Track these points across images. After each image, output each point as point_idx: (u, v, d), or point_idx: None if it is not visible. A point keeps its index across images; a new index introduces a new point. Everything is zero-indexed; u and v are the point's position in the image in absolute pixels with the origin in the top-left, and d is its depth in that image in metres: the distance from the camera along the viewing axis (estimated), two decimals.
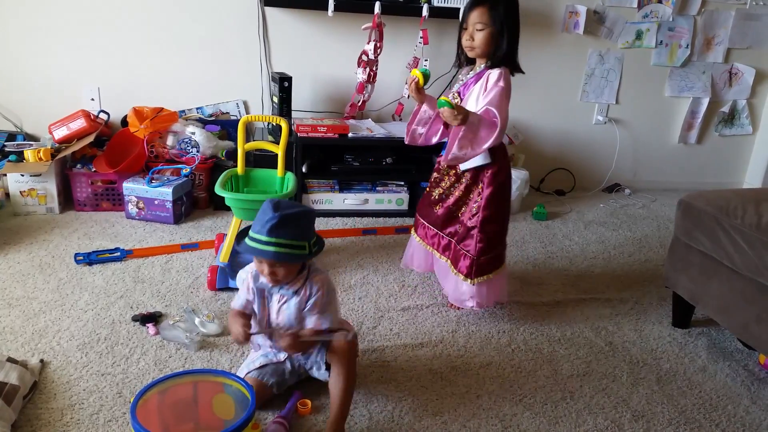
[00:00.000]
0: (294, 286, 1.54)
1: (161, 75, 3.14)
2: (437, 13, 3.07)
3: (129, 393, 1.59)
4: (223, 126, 3.14)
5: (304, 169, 2.94)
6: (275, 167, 2.30)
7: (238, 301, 1.59)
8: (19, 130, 3.04)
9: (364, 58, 3.04)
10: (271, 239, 1.42)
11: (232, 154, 3.00)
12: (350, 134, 2.94)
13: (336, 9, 2.98)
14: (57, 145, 2.81)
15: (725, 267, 1.87)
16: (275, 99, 2.99)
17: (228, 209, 2.23)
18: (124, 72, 3.10)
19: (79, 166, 2.85)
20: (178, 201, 2.73)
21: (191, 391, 1.42)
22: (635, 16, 3.50)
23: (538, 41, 3.42)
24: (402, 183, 3.09)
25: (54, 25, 2.98)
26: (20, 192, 2.71)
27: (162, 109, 2.94)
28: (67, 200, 2.86)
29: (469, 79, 1.99)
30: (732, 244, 1.81)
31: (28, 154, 2.69)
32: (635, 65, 3.61)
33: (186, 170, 2.80)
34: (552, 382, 1.79)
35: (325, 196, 3.00)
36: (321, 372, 1.60)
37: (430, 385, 1.73)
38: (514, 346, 1.96)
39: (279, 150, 2.26)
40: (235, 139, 2.84)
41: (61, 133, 2.82)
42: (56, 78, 3.06)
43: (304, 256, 1.48)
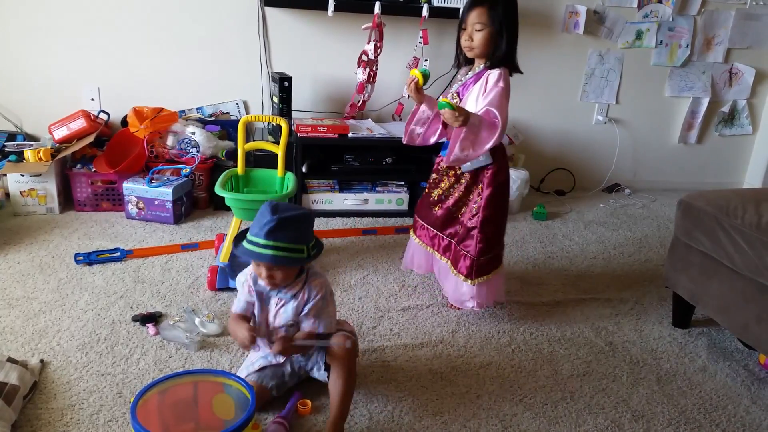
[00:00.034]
0: (292, 289, 1.53)
1: (161, 75, 3.14)
2: (437, 13, 3.07)
3: (129, 393, 1.59)
4: (223, 126, 3.14)
5: (304, 169, 2.94)
6: (275, 167, 2.31)
7: (239, 305, 1.58)
8: (19, 130, 3.04)
9: (364, 58, 3.04)
10: (268, 242, 1.41)
11: (232, 154, 3.00)
12: (350, 134, 2.94)
13: (336, 9, 2.98)
14: (57, 145, 2.81)
15: (725, 267, 1.87)
16: (275, 99, 2.99)
17: (228, 209, 2.23)
18: (124, 72, 3.10)
19: (79, 166, 2.85)
20: (178, 201, 2.73)
21: (191, 392, 1.42)
22: (635, 16, 3.50)
23: (538, 41, 3.42)
24: (402, 183, 3.09)
25: (54, 25, 2.98)
26: (20, 192, 2.71)
27: (162, 109, 2.94)
28: (67, 200, 2.86)
29: (468, 79, 1.99)
30: (732, 244, 1.81)
31: (28, 154, 2.69)
32: (635, 65, 3.61)
33: (186, 170, 2.80)
34: (552, 382, 1.79)
35: (325, 196, 3.00)
36: (321, 373, 1.60)
37: (430, 385, 1.73)
38: (514, 346, 1.96)
39: (279, 150, 2.26)
40: (235, 139, 2.84)
41: (61, 133, 2.82)
42: (56, 78, 3.06)
43: (303, 260, 1.47)
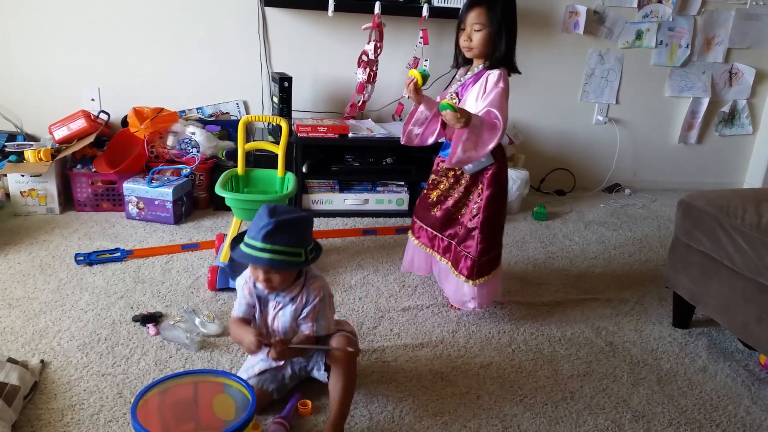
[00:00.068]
0: (291, 293, 1.52)
1: (161, 75, 3.14)
2: (437, 13, 3.07)
3: (129, 393, 1.59)
4: (224, 126, 3.14)
5: (304, 170, 2.94)
6: (275, 167, 2.31)
7: (239, 309, 1.56)
8: (19, 130, 3.04)
9: (364, 58, 3.03)
10: (266, 246, 1.40)
11: (232, 155, 3.00)
12: (350, 134, 2.94)
13: (336, 9, 2.98)
14: (57, 145, 2.81)
15: (725, 267, 1.87)
16: (275, 99, 2.99)
17: (228, 209, 2.23)
18: (124, 72, 3.10)
19: (79, 166, 2.85)
20: (178, 201, 2.73)
21: (192, 392, 1.42)
22: (635, 16, 3.50)
23: (538, 41, 3.42)
24: (402, 183, 3.09)
25: (54, 25, 2.98)
26: (20, 192, 2.71)
27: (162, 109, 2.94)
28: (68, 200, 2.86)
29: (467, 79, 1.99)
30: (732, 244, 1.81)
31: (29, 154, 2.69)
32: (635, 65, 3.61)
33: (186, 170, 2.80)
34: (552, 382, 1.79)
35: (326, 196, 3.00)
36: (321, 373, 1.60)
37: (430, 386, 1.73)
38: (515, 347, 1.96)
39: (279, 150, 2.26)
40: (235, 140, 2.84)
41: (61, 133, 2.82)
42: (56, 78, 3.06)
43: (300, 264, 1.45)
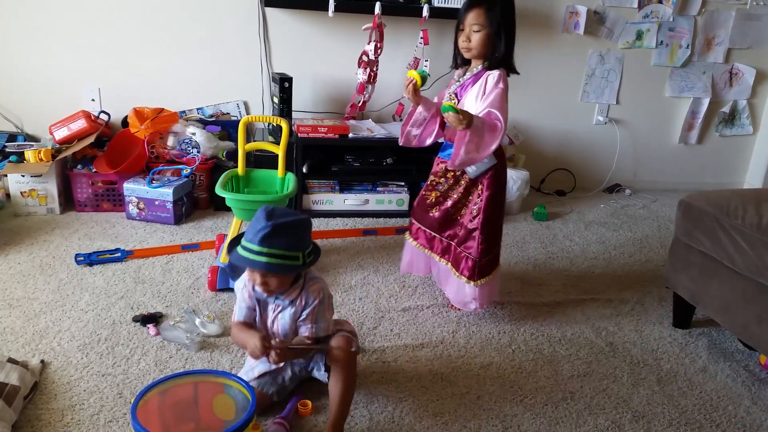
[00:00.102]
0: (290, 295, 1.51)
1: (161, 75, 3.14)
2: (438, 13, 3.07)
3: (129, 393, 1.59)
4: (224, 126, 3.14)
5: (304, 170, 2.94)
6: (276, 168, 2.31)
7: (240, 313, 1.55)
8: (19, 130, 3.04)
9: (365, 58, 3.04)
10: (262, 249, 1.38)
11: (232, 155, 3.00)
12: (351, 135, 2.94)
13: (336, 9, 2.98)
14: (57, 145, 2.81)
15: (726, 267, 1.87)
16: (276, 99, 2.99)
17: (228, 210, 2.23)
18: (124, 72, 3.11)
19: (79, 166, 2.85)
20: (178, 201, 2.73)
21: (192, 392, 1.42)
22: (635, 16, 3.50)
23: (538, 41, 3.42)
24: (402, 183, 3.09)
25: (54, 25, 2.98)
26: (21, 192, 2.71)
27: (162, 109, 2.94)
28: (68, 201, 2.86)
29: (466, 80, 1.99)
30: (732, 244, 1.81)
31: (29, 154, 2.69)
32: (636, 65, 3.61)
33: (186, 171, 2.80)
34: (552, 382, 1.79)
35: (326, 196, 3.00)
36: (321, 373, 1.60)
37: (430, 386, 1.73)
38: (515, 347, 1.96)
39: (279, 150, 2.26)
40: (235, 140, 2.84)
41: (61, 133, 2.82)
42: (56, 78, 3.06)
43: (298, 267, 1.44)
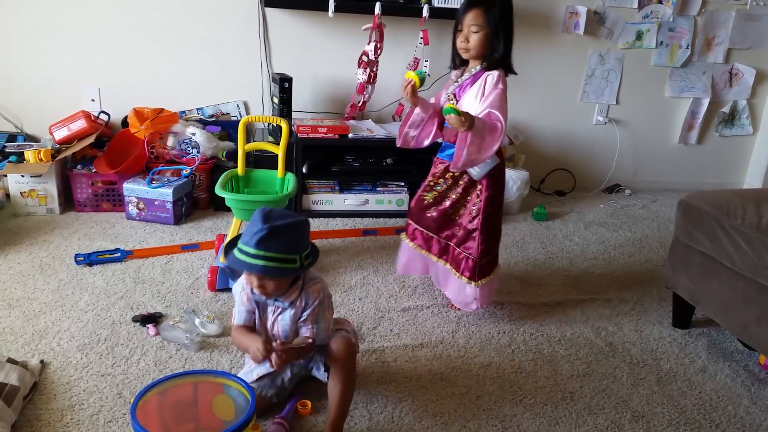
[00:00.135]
0: (289, 297, 1.50)
1: (161, 75, 3.14)
2: (437, 13, 3.07)
3: (129, 394, 1.59)
4: (224, 127, 3.14)
5: (304, 170, 2.94)
6: (275, 168, 2.31)
7: (240, 316, 1.54)
8: (19, 130, 3.05)
9: (365, 58, 3.04)
10: (259, 252, 1.37)
11: (232, 155, 3.00)
12: (350, 135, 2.94)
13: (336, 10, 2.98)
14: (57, 145, 2.81)
15: (725, 267, 1.87)
16: (275, 100, 2.99)
17: (228, 210, 2.23)
18: (124, 72, 3.11)
19: (79, 166, 2.85)
20: (178, 202, 2.73)
21: (191, 392, 1.42)
22: (635, 16, 3.50)
23: (538, 41, 3.42)
24: (402, 183, 3.09)
25: (54, 25, 2.98)
26: (21, 193, 2.71)
27: (162, 109, 2.94)
28: (68, 201, 2.86)
29: (464, 80, 1.99)
30: (732, 244, 1.81)
31: (29, 154, 2.69)
32: (635, 66, 3.61)
33: (186, 171, 2.80)
34: (552, 382, 1.79)
35: (326, 196, 3.00)
36: (321, 373, 1.59)
37: (430, 386, 1.73)
38: (515, 347, 1.96)
39: (279, 151, 2.26)
40: (235, 140, 2.84)
41: (61, 133, 2.82)
42: (56, 78, 3.06)
43: (295, 270, 1.42)
